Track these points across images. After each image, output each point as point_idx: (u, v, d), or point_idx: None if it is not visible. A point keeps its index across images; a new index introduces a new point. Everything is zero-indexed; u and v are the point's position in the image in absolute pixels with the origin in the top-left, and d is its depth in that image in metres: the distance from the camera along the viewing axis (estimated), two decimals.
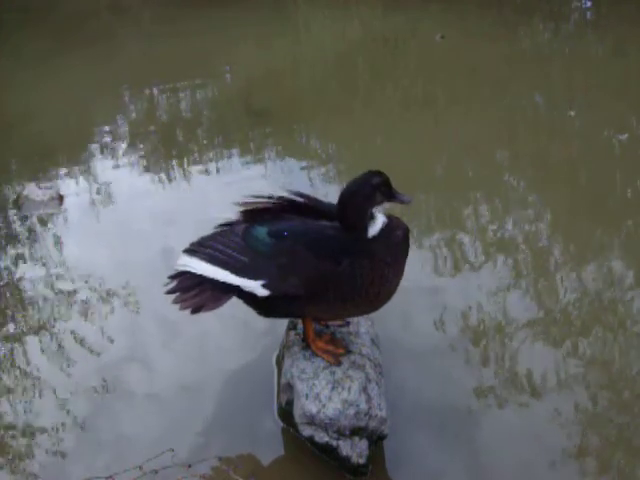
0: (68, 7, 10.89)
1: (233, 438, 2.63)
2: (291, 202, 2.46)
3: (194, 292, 2.39)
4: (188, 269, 2.40)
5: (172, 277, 2.46)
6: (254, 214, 2.46)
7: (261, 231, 2.36)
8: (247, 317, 3.05)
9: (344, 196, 2.28)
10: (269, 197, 2.48)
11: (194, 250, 2.44)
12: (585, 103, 5.92)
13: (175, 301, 2.39)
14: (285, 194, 2.48)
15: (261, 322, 3.08)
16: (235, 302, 2.47)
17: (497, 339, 3.12)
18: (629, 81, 6.33)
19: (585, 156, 4.97)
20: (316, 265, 2.28)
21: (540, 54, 7.47)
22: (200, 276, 2.39)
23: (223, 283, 2.35)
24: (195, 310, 2.38)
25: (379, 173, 2.31)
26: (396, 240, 2.34)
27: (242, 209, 2.49)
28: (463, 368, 2.94)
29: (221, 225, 2.52)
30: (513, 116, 5.76)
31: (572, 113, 4.84)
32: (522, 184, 4.62)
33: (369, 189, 2.27)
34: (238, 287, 2.34)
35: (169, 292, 2.42)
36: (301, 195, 2.48)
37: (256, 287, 2.31)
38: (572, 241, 3.90)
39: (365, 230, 2.29)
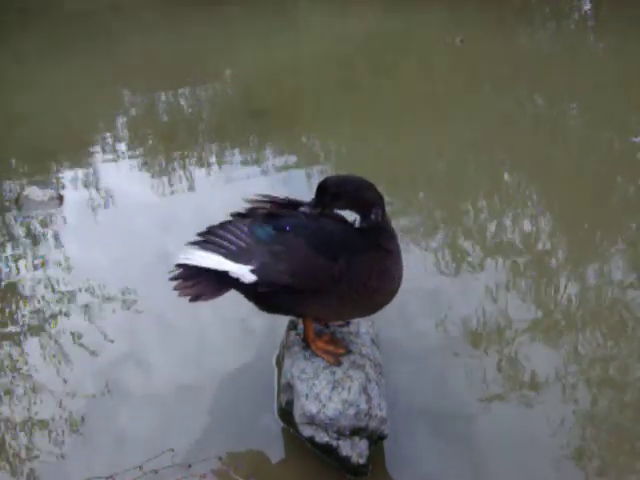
0: (68, 7, 10.88)
1: (233, 438, 2.63)
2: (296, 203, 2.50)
3: (194, 280, 2.40)
4: (187, 257, 2.40)
5: (178, 265, 2.46)
6: (259, 210, 2.48)
7: (266, 228, 2.37)
8: (247, 317, 3.07)
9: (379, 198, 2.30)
10: (278, 198, 2.51)
11: (199, 240, 2.45)
12: (585, 103, 5.92)
13: (175, 288, 2.40)
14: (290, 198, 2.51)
15: (261, 322, 3.09)
16: (235, 302, 2.47)
17: (497, 340, 3.12)
18: (629, 81, 6.33)
19: (586, 156, 4.97)
20: (310, 257, 2.28)
21: (540, 54, 7.47)
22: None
23: (220, 273, 2.34)
24: (193, 298, 2.38)
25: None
26: (388, 231, 2.35)
27: (250, 207, 2.51)
28: (463, 368, 2.94)
29: (232, 215, 2.52)
30: (514, 116, 5.76)
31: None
32: (523, 184, 4.63)
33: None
34: (236, 279, 2.33)
35: (172, 279, 2.42)
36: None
37: (245, 272, 2.30)
38: (573, 241, 3.90)
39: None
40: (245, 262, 2.31)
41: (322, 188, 2.32)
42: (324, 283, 2.29)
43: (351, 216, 2.39)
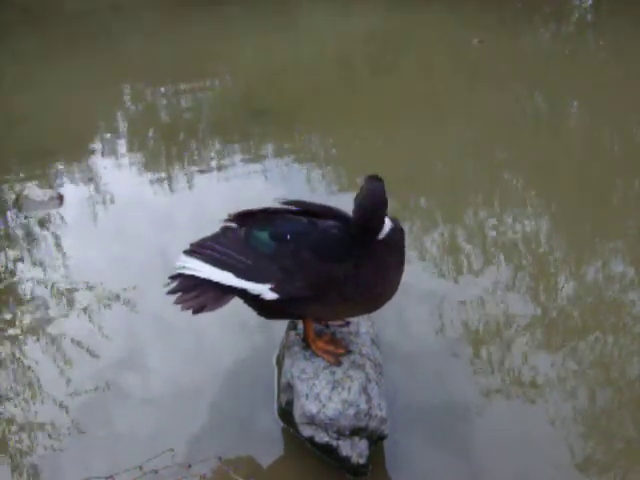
0: (68, 7, 10.88)
1: (233, 438, 2.63)
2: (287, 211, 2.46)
3: (195, 292, 2.38)
4: (189, 271, 2.39)
5: (173, 277, 2.45)
6: (252, 217, 2.45)
7: (263, 234, 2.35)
8: (247, 317, 3.05)
9: (371, 208, 2.16)
10: (265, 209, 2.47)
11: (194, 251, 2.42)
12: (585, 103, 5.92)
13: (177, 302, 2.38)
14: (281, 205, 2.47)
15: (261, 322, 3.08)
16: (234, 302, 2.47)
17: (497, 340, 3.12)
18: (629, 81, 6.33)
19: (586, 156, 4.97)
20: (320, 267, 2.27)
21: (540, 54, 7.47)
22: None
23: (225, 284, 2.34)
24: (197, 311, 2.37)
25: (378, 177, 2.28)
26: (398, 241, 2.33)
27: (238, 213, 2.48)
28: (462, 369, 2.94)
29: (223, 227, 2.51)
30: (514, 116, 5.76)
31: None
32: (522, 185, 4.62)
33: (386, 196, 2.24)
34: (243, 289, 2.33)
35: (170, 292, 2.41)
36: (297, 203, 2.46)
37: (264, 291, 2.30)
38: (573, 241, 3.90)
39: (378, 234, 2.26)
40: (260, 280, 2.30)
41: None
42: (334, 288, 2.29)
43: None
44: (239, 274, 2.32)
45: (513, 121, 5.64)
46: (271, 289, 2.30)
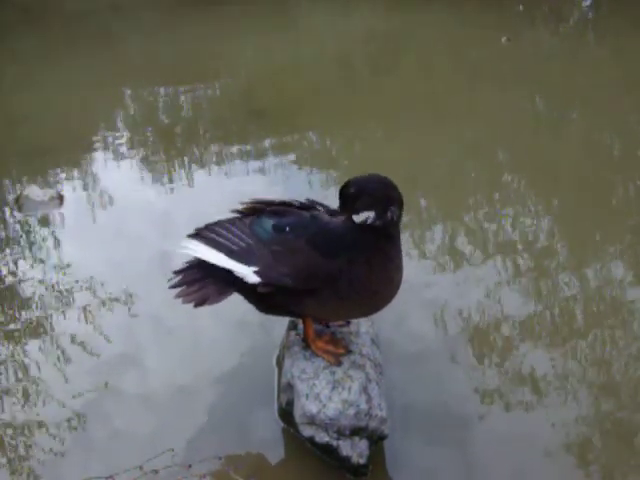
0: (68, 7, 10.88)
1: (233, 438, 2.62)
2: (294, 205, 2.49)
3: (197, 286, 2.39)
4: (186, 250, 2.41)
5: (177, 272, 2.46)
6: (261, 208, 2.48)
7: (266, 224, 2.37)
8: (247, 317, 3.07)
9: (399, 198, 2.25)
10: (273, 201, 2.51)
11: (197, 234, 2.45)
12: (586, 103, 5.92)
13: (178, 295, 2.38)
14: (288, 199, 2.50)
15: (261, 322, 3.08)
16: (235, 303, 2.47)
17: (497, 340, 3.12)
18: (629, 81, 6.33)
19: (586, 156, 4.97)
20: (311, 258, 2.27)
21: (540, 54, 7.47)
22: (204, 270, 2.39)
23: (224, 274, 2.34)
24: (198, 304, 2.37)
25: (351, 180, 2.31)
26: (397, 235, 2.33)
27: (246, 206, 2.51)
28: (462, 369, 2.94)
29: (232, 217, 2.52)
30: (514, 116, 5.76)
31: None
32: (523, 185, 4.62)
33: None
34: (241, 281, 2.32)
35: (173, 286, 2.41)
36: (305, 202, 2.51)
37: (248, 273, 2.30)
38: (573, 241, 3.90)
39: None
40: (249, 263, 2.31)
41: (344, 191, 2.26)
42: (324, 282, 2.28)
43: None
44: (230, 255, 2.33)
45: (513, 121, 5.64)
46: (255, 272, 2.29)
